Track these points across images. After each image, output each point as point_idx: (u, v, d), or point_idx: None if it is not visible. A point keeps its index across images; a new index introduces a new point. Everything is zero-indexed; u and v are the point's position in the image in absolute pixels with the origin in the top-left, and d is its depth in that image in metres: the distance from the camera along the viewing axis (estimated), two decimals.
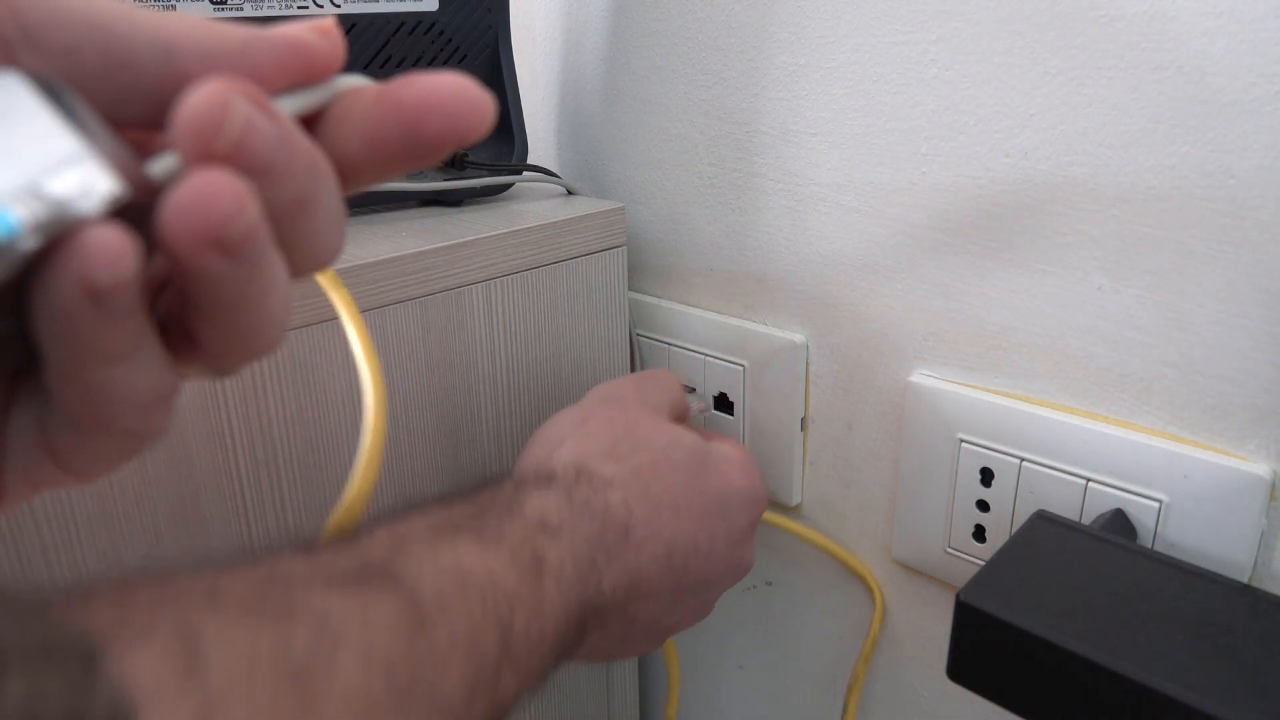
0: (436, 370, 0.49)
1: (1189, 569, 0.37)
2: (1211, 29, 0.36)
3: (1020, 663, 0.34)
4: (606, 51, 0.62)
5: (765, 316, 0.57)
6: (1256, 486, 0.39)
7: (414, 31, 0.53)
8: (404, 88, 0.20)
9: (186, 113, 0.17)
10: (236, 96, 0.17)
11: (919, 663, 0.55)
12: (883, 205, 0.49)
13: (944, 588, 0.52)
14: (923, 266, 0.48)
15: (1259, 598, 0.35)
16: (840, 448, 0.55)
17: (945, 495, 0.49)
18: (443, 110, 0.20)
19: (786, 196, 0.54)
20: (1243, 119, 0.36)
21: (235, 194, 0.17)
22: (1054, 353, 0.44)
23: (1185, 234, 0.39)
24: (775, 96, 0.52)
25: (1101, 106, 0.40)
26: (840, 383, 0.54)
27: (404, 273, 0.46)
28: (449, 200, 0.57)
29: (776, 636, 0.64)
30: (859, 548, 0.56)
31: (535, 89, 0.69)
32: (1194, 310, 0.39)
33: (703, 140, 0.57)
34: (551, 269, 0.53)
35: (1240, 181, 0.37)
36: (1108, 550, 0.38)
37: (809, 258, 0.53)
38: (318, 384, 0.43)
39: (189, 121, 0.17)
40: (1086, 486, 0.43)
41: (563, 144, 0.68)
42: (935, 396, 0.48)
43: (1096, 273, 0.42)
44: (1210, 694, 0.30)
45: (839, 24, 0.48)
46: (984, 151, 0.44)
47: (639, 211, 0.63)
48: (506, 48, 0.57)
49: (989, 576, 0.37)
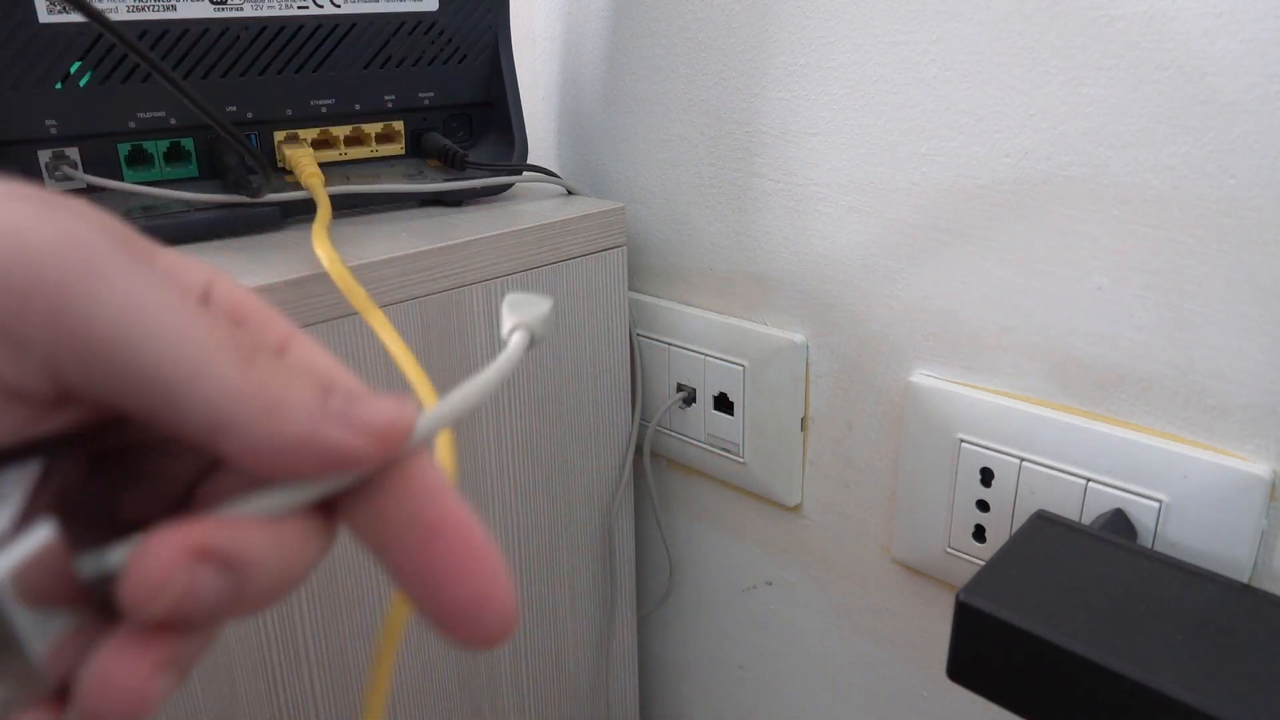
0: (436, 370, 0.49)
1: (1189, 569, 0.37)
2: (1211, 29, 0.36)
3: (1020, 663, 0.34)
4: (606, 51, 0.62)
5: (765, 316, 0.57)
6: (1256, 486, 0.39)
7: (414, 31, 0.53)
8: (453, 576, 0.19)
9: (131, 586, 0.16)
10: (182, 570, 0.16)
11: (919, 663, 0.55)
12: (883, 205, 0.49)
13: (944, 588, 0.52)
14: (923, 266, 0.48)
15: (1259, 598, 0.35)
16: (840, 448, 0.55)
17: (945, 495, 0.49)
18: (479, 617, 0.19)
19: (786, 196, 0.54)
20: (1243, 119, 0.36)
21: (135, 691, 0.17)
22: (1054, 353, 0.44)
23: (1185, 234, 0.39)
24: (775, 96, 0.52)
25: (1101, 106, 0.40)
26: (840, 383, 0.54)
27: (404, 273, 0.46)
28: (449, 200, 0.57)
29: (776, 636, 0.64)
30: (859, 548, 0.56)
31: (535, 89, 0.69)
32: (1194, 310, 0.39)
33: (703, 140, 0.57)
34: (551, 269, 0.53)
35: (1240, 181, 0.37)
36: (1108, 550, 0.38)
37: (809, 258, 0.53)
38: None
39: (131, 594, 0.16)
40: (1086, 486, 0.43)
41: (563, 144, 0.68)
42: (935, 396, 0.48)
43: (1096, 273, 0.42)
44: (1210, 694, 0.30)
45: (839, 24, 0.48)
46: (984, 151, 0.44)
47: (639, 211, 0.63)
48: (506, 48, 0.57)
49: (989, 576, 0.37)
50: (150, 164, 0.48)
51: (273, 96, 0.50)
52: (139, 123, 0.47)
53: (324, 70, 0.51)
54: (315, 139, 0.52)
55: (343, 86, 0.52)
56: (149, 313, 0.17)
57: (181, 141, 0.49)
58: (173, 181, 0.49)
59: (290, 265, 0.43)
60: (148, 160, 0.48)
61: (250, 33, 0.48)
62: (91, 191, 0.47)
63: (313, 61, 0.50)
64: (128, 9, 0.44)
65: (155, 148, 0.48)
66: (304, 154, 0.51)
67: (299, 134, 0.52)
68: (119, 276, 0.17)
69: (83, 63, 0.44)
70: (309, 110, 0.51)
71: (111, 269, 0.17)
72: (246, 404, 0.17)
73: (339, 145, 0.53)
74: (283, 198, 0.50)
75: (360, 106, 0.53)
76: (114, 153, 0.47)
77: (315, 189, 0.49)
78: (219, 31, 0.47)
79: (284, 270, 0.43)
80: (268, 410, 0.17)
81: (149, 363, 0.16)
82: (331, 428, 0.17)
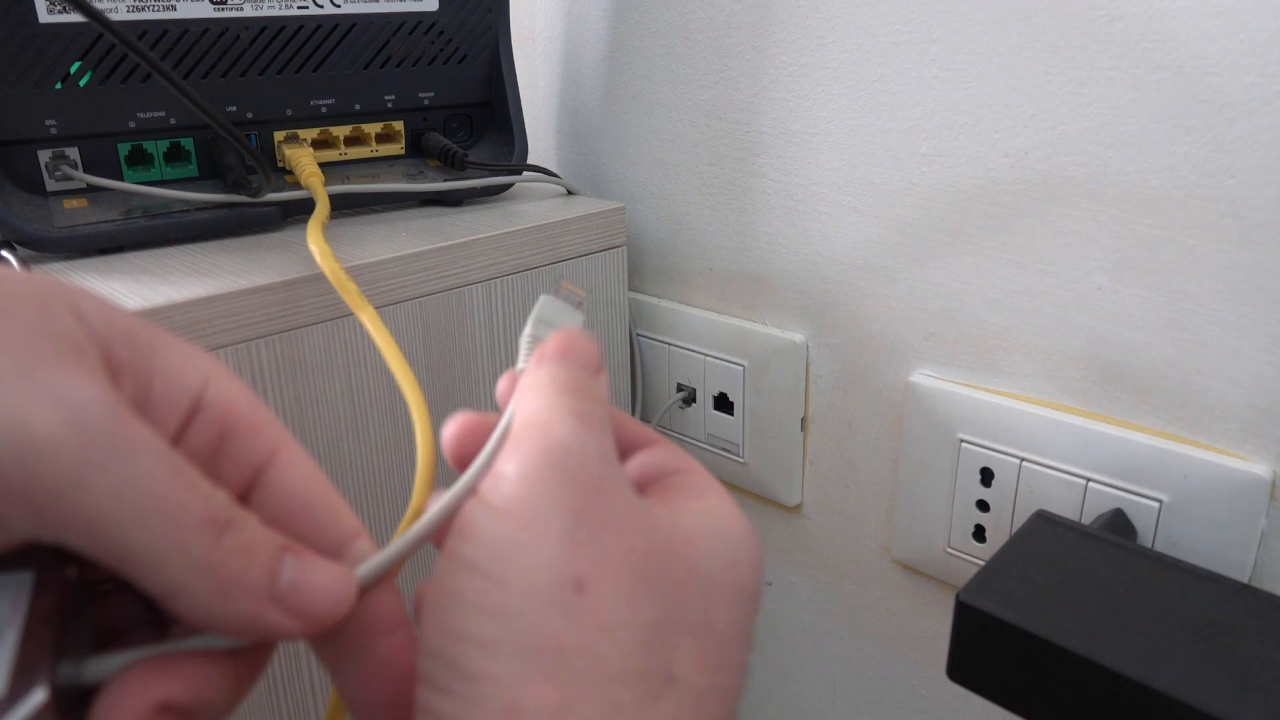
0: (436, 370, 0.49)
1: (1189, 569, 0.37)
2: (1211, 29, 0.36)
3: (1020, 663, 0.34)
4: (606, 51, 0.62)
5: (765, 316, 0.57)
6: (1256, 486, 0.39)
7: (414, 31, 0.53)
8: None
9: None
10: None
11: (919, 663, 0.55)
12: (883, 205, 0.49)
13: (944, 588, 0.52)
14: (923, 266, 0.48)
15: (1259, 598, 0.35)
16: (840, 448, 0.55)
17: (945, 495, 0.49)
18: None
19: (786, 196, 0.54)
20: (1243, 119, 0.36)
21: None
22: (1054, 353, 0.44)
23: (1185, 234, 0.39)
24: (775, 96, 0.52)
25: (1101, 106, 0.40)
26: (840, 383, 0.54)
27: (404, 273, 0.46)
28: (449, 200, 0.57)
29: (776, 636, 0.64)
30: (859, 548, 0.56)
31: (535, 89, 0.69)
32: (1194, 310, 0.39)
33: (703, 140, 0.57)
34: (551, 269, 0.53)
35: (1240, 181, 0.37)
36: (1108, 550, 0.38)
37: (809, 258, 0.53)
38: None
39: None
40: (1086, 486, 0.43)
41: (563, 144, 0.68)
42: (935, 397, 0.48)
43: (1096, 273, 0.42)
44: (1210, 694, 0.30)
45: (839, 24, 0.48)
46: (984, 151, 0.44)
47: (639, 211, 0.63)
48: (506, 48, 0.57)
49: (989, 576, 0.37)
50: (150, 164, 0.48)
51: (273, 96, 0.50)
52: (139, 123, 0.47)
53: (324, 70, 0.51)
54: (315, 139, 0.52)
55: (343, 86, 0.52)
56: (138, 500, 0.18)
57: (181, 141, 0.49)
58: (173, 181, 0.49)
59: (289, 265, 0.43)
60: (148, 160, 0.48)
61: (250, 33, 0.48)
62: (91, 191, 0.47)
63: (313, 61, 0.50)
64: (128, 9, 0.44)
65: (155, 148, 0.48)
66: (304, 154, 0.51)
67: (299, 134, 0.52)
68: (112, 461, 0.18)
69: (83, 63, 0.44)
70: (309, 110, 0.51)
71: (106, 453, 0.18)
72: (202, 581, 0.18)
73: (339, 145, 0.53)
74: (283, 197, 0.50)
75: (360, 106, 0.53)
76: (114, 153, 0.47)
77: (315, 189, 0.49)
78: (219, 31, 0.47)
79: (283, 270, 0.43)
80: (221, 591, 0.19)
81: (126, 546, 0.18)
82: (273, 612, 0.19)
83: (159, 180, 0.48)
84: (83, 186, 0.46)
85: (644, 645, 0.19)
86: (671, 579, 0.21)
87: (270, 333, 0.42)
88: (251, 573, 0.19)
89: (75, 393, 0.18)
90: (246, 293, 0.41)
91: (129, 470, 0.18)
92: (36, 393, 0.17)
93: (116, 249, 0.47)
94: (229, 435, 0.21)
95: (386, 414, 0.47)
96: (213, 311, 0.40)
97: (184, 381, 0.21)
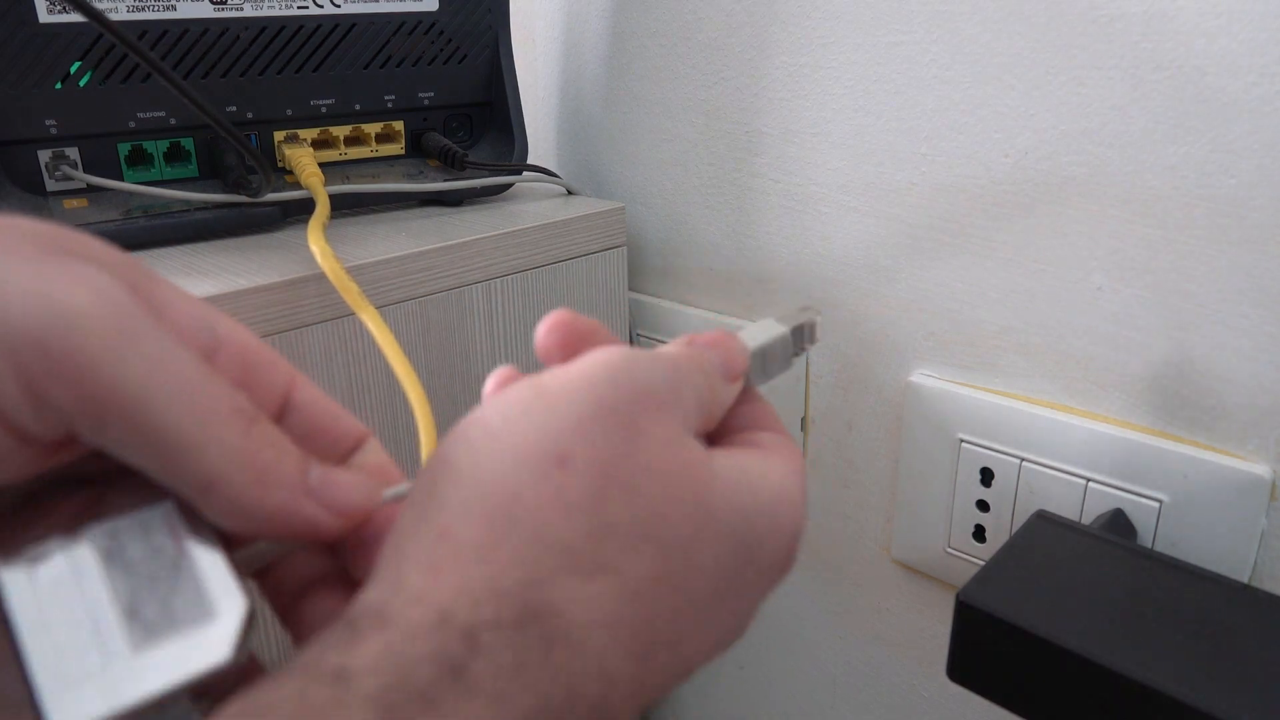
0: (436, 370, 0.49)
1: (1189, 569, 0.37)
2: (1211, 29, 0.36)
3: (1020, 663, 0.34)
4: (606, 51, 0.62)
5: (765, 316, 0.57)
6: (1256, 486, 0.39)
7: (414, 31, 0.53)
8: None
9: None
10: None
11: (919, 663, 0.55)
12: (883, 205, 0.49)
13: (944, 588, 0.52)
14: (923, 266, 0.48)
15: (1259, 598, 0.35)
16: (840, 448, 0.55)
17: (945, 495, 0.49)
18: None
19: (786, 196, 0.54)
20: (1243, 119, 0.36)
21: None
22: (1054, 353, 0.44)
23: (1185, 234, 0.39)
24: (775, 97, 0.52)
25: (1101, 106, 0.40)
26: (840, 383, 0.54)
27: (404, 273, 0.46)
28: (449, 200, 0.57)
29: (776, 636, 0.64)
30: (859, 548, 0.56)
31: (535, 89, 0.69)
32: (1194, 310, 0.39)
33: (703, 140, 0.57)
34: (551, 269, 0.53)
35: (1240, 181, 0.37)
36: (1108, 550, 0.38)
37: (809, 258, 0.53)
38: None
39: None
40: (1086, 486, 0.43)
41: (563, 144, 0.68)
42: (935, 396, 0.48)
43: (1096, 273, 0.42)
44: (1210, 694, 0.30)
45: (839, 24, 0.48)
46: (984, 151, 0.44)
47: (639, 211, 0.63)
48: (506, 48, 0.57)
49: (989, 576, 0.37)
50: (150, 164, 0.48)
51: (273, 96, 0.50)
52: (139, 123, 0.47)
53: (324, 70, 0.51)
54: (315, 139, 0.52)
55: (343, 86, 0.52)
56: (170, 380, 0.18)
57: (181, 141, 0.49)
58: (173, 181, 0.49)
59: (290, 265, 0.43)
60: (148, 160, 0.48)
61: (250, 33, 0.48)
62: (91, 191, 0.47)
63: (313, 61, 0.50)
64: (128, 9, 0.44)
65: (155, 148, 0.48)
66: (304, 154, 0.51)
67: (299, 134, 0.52)
68: (144, 340, 0.18)
69: (83, 63, 0.44)
70: (309, 110, 0.51)
71: (138, 332, 0.18)
72: (239, 470, 0.19)
73: (339, 145, 0.53)
74: (283, 197, 0.50)
75: (360, 106, 0.53)
76: (114, 153, 0.47)
77: (315, 189, 0.49)
78: (219, 31, 0.47)
79: (283, 270, 0.43)
80: (257, 478, 0.19)
81: (164, 426, 0.18)
82: (308, 505, 0.20)
83: (159, 180, 0.48)
84: (83, 186, 0.46)
85: (594, 534, 0.19)
86: (674, 517, 0.20)
87: (270, 333, 0.42)
88: (286, 464, 0.19)
89: (99, 280, 0.18)
90: (247, 293, 0.41)
91: (160, 351, 0.18)
92: (66, 272, 0.18)
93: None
94: (251, 368, 0.22)
95: (387, 413, 0.47)
96: None
97: (199, 315, 0.21)
